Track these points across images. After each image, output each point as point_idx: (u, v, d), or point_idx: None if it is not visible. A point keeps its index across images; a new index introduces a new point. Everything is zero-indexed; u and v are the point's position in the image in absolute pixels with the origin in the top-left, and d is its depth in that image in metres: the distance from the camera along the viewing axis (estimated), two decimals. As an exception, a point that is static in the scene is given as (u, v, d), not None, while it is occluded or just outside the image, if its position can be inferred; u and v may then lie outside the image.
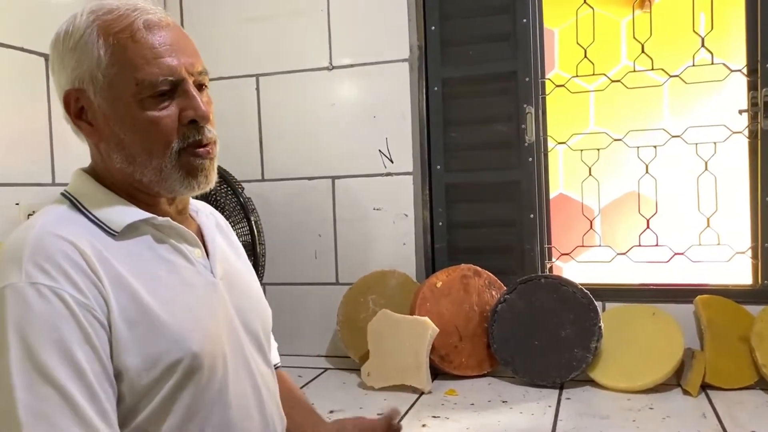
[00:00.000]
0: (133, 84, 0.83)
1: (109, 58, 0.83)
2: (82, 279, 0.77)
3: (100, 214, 0.85)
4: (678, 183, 2.31)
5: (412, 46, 2.07)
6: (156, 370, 0.80)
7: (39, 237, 0.79)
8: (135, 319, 0.80)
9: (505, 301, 1.87)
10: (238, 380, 0.90)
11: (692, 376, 1.68)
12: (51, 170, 1.78)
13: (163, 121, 0.85)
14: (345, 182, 2.15)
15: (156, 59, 0.84)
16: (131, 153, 0.86)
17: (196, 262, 0.90)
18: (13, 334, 0.73)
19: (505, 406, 1.65)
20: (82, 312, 0.76)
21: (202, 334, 0.84)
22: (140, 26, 0.84)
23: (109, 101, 0.84)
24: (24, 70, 1.70)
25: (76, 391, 0.73)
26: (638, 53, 1.98)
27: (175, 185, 0.88)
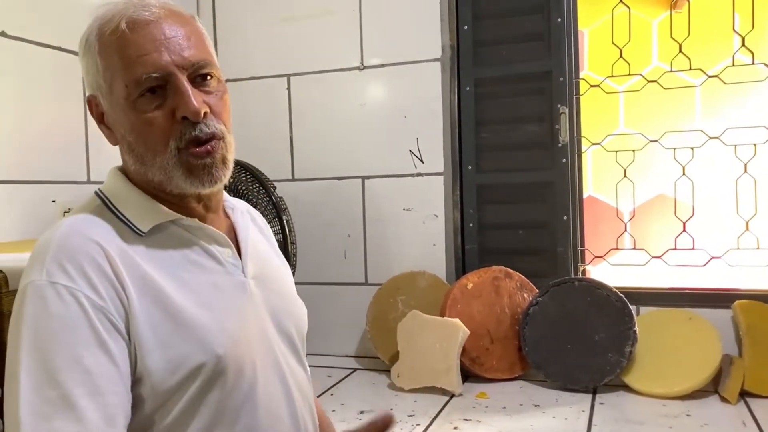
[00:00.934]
0: (123, 86, 0.81)
1: (103, 63, 0.83)
2: (101, 281, 0.76)
3: (128, 214, 0.85)
4: (714, 185, 2.27)
5: (444, 45, 2.06)
6: (179, 373, 0.79)
7: (65, 236, 0.79)
8: (158, 321, 0.79)
9: (538, 303, 1.85)
10: (268, 383, 0.88)
11: (731, 382, 1.64)
12: (86, 168, 1.80)
13: (156, 120, 0.82)
14: (375, 182, 2.14)
15: (140, 57, 0.81)
16: (139, 154, 0.85)
17: (226, 263, 0.89)
18: (28, 331, 0.74)
19: (537, 410, 1.63)
20: (97, 315, 0.75)
21: (228, 337, 0.83)
22: (123, 27, 0.82)
23: (111, 106, 0.84)
24: (60, 69, 1.72)
25: (81, 397, 0.72)
26: (671, 53, 1.95)
27: (181, 183, 0.85)
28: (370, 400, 1.76)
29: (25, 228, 1.59)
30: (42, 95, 1.67)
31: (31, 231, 1.61)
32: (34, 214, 1.62)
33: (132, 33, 0.81)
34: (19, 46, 1.59)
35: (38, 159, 1.65)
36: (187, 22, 0.86)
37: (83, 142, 1.79)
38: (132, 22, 0.82)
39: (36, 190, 1.64)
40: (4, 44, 1.56)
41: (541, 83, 2.01)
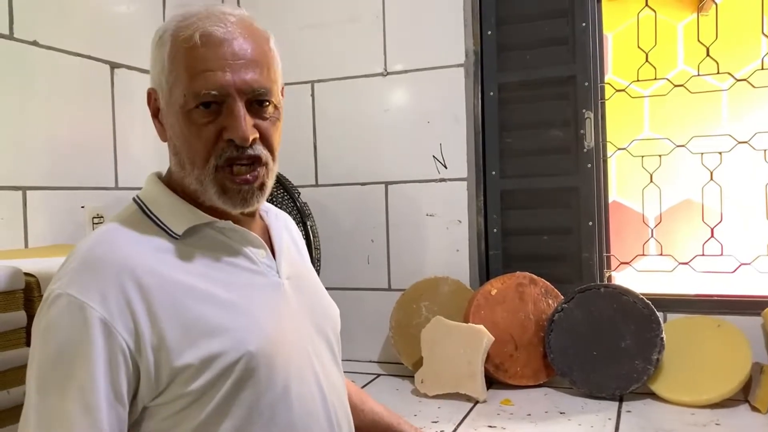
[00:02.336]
0: (182, 95, 0.84)
1: (169, 65, 0.85)
2: (116, 297, 0.77)
3: (164, 218, 0.87)
4: (743, 190, 2.23)
5: (467, 51, 2.06)
6: (211, 371, 0.80)
7: (93, 248, 0.81)
8: (189, 324, 0.80)
9: (563, 310, 1.83)
10: (303, 383, 0.89)
11: (761, 392, 1.61)
12: (114, 174, 1.83)
13: (203, 135, 0.84)
14: (398, 188, 2.15)
15: (204, 72, 0.83)
16: (182, 159, 0.87)
17: (260, 263, 0.90)
18: (41, 340, 0.78)
19: (563, 418, 1.62)
20: (104, 331, 0.76)
21: (260, 335, 0.84)
22: (197, 38, 0.83)
23: (167, 107, 0.86)
24: (90, 77, 1.76)
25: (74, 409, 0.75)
26: (696, 57, 1.93)
27: (214, 200, 0.87)
28: (394, 405, 1.76)
29: (56, 233, 1.62)
30: (72, 103, 1.70)
31: (62, 236, 1.64)
32: (64, 220, 1.65)
33: (203, 47, 0.83)
34: (50, 55, 1.63)
35: (68, 166, 1.68)
36: (260, 44, 0.88)
37: (111, 149, 1.82)
38: (206, 36, 0.83)
39: (66, 196, 1.67)
40: (36, 53, 1.59)
41: (565, 88, 2.00)
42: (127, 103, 1.87)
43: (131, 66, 1.89)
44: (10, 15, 1.53)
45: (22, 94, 1.56)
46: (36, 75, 1.59)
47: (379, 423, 1.18)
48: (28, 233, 1.56)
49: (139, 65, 1.92)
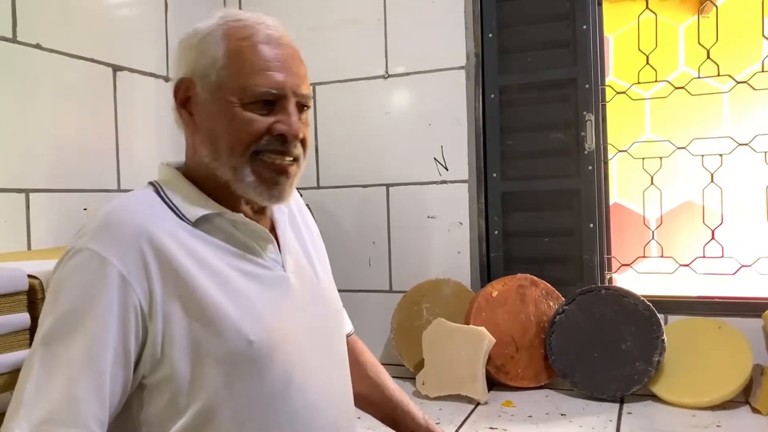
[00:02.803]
0: (239, 88, 0.88)
1: (225, 60, 0.89)
2: (134, 257, 0.81)
3: (178, 203, 0.89)
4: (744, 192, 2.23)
5: (468, 53, 2.06)
6: (211, 355, 0.83)
7: (115, 211, 0.85)
8: (195, 308, 0.83)
9: (564, 312, 1.84)
10: (305, 375, 0.91)
11: (762, 393, 1.61)
12: (117, 177, 1.83)
13: (256, 123, 0.88)
14: (400, 190, 2.15)
15: (266, 71, 0.88)
16: (218, 149, 0.89)
17: (268, 258, 0.93)
18: (55, 290, 0.81)
19: (563, 419, 1.62)
20: (120, 284, 0.80)
21: (261, 326, 0.86)
22: (261, 38, 0.90)
23: (214, 98, 0.89)
24: (93, 80, 1.76)
25: (77, 359, 0.78)
26: (697, 59, 1.93)
27: (248, 190, 0.90)
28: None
29: (59, 235, 1.63)
30: (75, 106, 1.71)
31: (64, 238, 1.64)
32: (66, 222, 1.66)
33: (266, 47, 0.90)
34: (53, 58, 1.63)
35: (71, 168, 1.69)
36: (299, 55, 0.95)
37: (114, 152, 1.83)
38: (268, 38, 0.90)
39: (68, 198, 1.67)
40: (39, 56, 1.60)
41: (566, 90, 2.00)
42: (129, 106, 1.88)
43: (133, 69, 1.89)
44: (13, 18, 1.53)
45: (25, 96, 1.57)
46: (39, 78, 1.60)
47: (389, 400, 1.21)
48: (30, 235, 1.56)
49: (141, 68, 1.93)
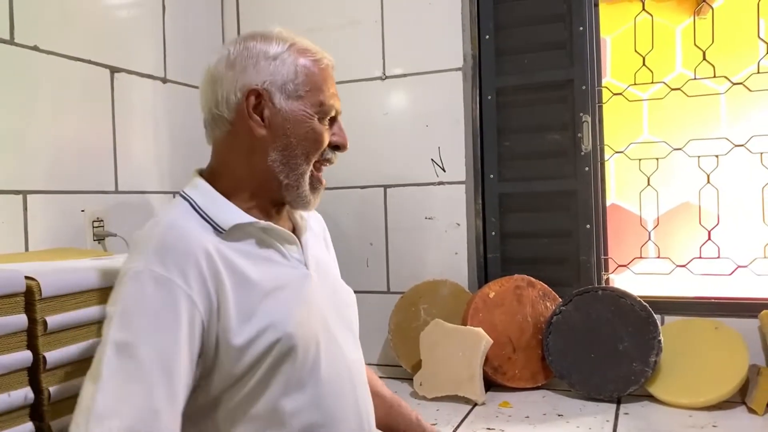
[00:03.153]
0: (318, 103, 1.04)
1: (303, 76, 1.03)
2: (195, 277, 0.90)
3: (212, 215, 1.00)
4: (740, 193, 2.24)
5: (465, 55, 2.07)
6: (257, 348, 0.93)
7: (168, 233, 0.93)
8: (242, 307, 0.94)
9: (561, 312, 1.84)
10: (330, 361, 1.02)
11: (758, 393, 1.62)
12: (114, 178, 1.84)
13: (324, 136, 1.06)
14: (397, 191, 2.16)
15: (332, 93, 1.07)
16: (291, 154, 1.03)
17: (292, 258, 1.05)
18: (124, 308, 0.87)
19: (561, 420, 1.62)
20: (187, 303, 0.88)
21: (296, 320, 0.98)
22: (328, 65, 1.08)
23: (294, 108, 1.02)
24: (91, 82, 1.76)
25: (154, 371, 0.84)
26: (695, 60, 1.94)
27: (298, 198, 1.06)
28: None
29: (56, 237, 1.63)
30: (73, 107, 1.71)
31: (62, 240, 1.64)
32: (63, 224, 1.66)
33: (331, 72, 1.08)
34: (50, 60, 1.63)
35: (68, 169, 1.69)
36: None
37: (111, 153, 1.83)
38: (331, 66, 1.09)
39: (65, 199, 1.68)
40: (37, 58, 1.60)
41: (563, 92, 2.01)
42: (127, 107, 1.88)
43: (131, 70, 1.90)
44: (10, 20, 1.53)
45: (22, 98, 1.57)
46: (36, 80, 1.60)
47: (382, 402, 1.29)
48: (28, 237, 1.56)
49: (138, 69, 1.93)
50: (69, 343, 1.09)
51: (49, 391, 1.04)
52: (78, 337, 1.11)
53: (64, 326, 1.08)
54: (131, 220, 1.88)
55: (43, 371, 1.04)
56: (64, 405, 1.07)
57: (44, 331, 1.04)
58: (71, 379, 1.09)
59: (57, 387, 1.06)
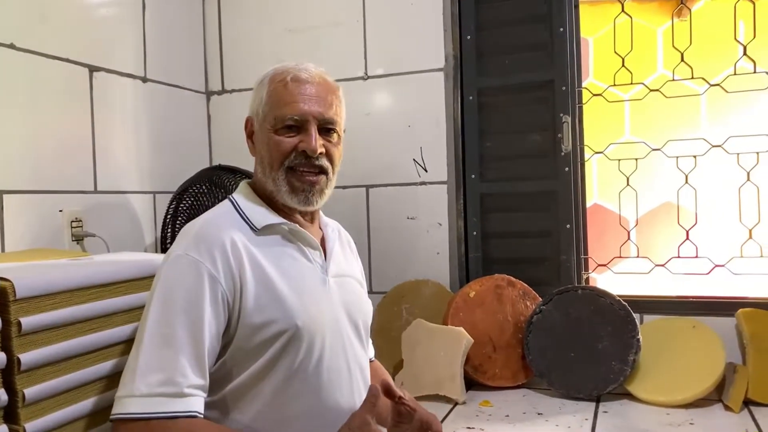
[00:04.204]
0: (273, 117, 1.15)
1: (266, 98, 1.16)
2: (221, 261, 1.06)
3: (249, 215, 1.15)
4: (717, 194, 2.27)
5: (447, 55, 2.07)
6: (268, 332, 1.06)
7: (204, 227, 1.11)
8: (260, 293, 1.07)
9: (541, 312, 1.85)
10: (333, 356, 1.13)
11: (734, 391, 1.64)
12: (93, 178, 1.82)
13: (284, 143, 1.14)
14: (379, 191, 2.16)
15: (291, 103, 1.14)
16: (265, 166, 1.16)
17: (314, 261, 1.17)
18: (162, 283, 1.05)
19: (540, 419, 1.63)
20: (211, 281, 1.04)
21: (307, 314, 1.09)
22: (289, 79, 1.15)
23: (260, 128, 1.17)
24: (69, 81, 1.75)
25: (184, 338, 1.01)
26: (675, 62, 1.96)
27: (285, 197, 1.16)
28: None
29: (34, 237, 1.61)
30: (51, 107, 1.69)
31: (40, 241, 1.63)
32: (41, 224, 1.64)
33: (292, 84, 1.15)
34: (27, 59, 1.62)
35: (46, 169, 1.67)
36: (331, 90, 1.19)
37: (90, 153, 1.82)
38: (295, 78, 1.16)
39: (44, 199, 1.66)
40: (14, 57, 1.58)
41: (543, 92, 2.02)
42: (106, 107, 1.87)
43: (110, 69, 1.88)
44: (-13, 18, 1.52)
45: (-1, 97, 1.55)
46: (13, 78, 1.58)
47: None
48: (5, 238, 1.54)
49: (118, 68, 1.92)
50: (45, 345, 1.07)
51: (24, 393, 1.03)
52: (54, 338, 1.09)
53: (39, 327, 1.06)
54: (110, 220, 1.86)
55: (17, 373, 1.03)
56: (39, 407, 1.06)
57: (19, 332, 1.03)
58: (47, 380, 1.08)
59: (32, 389, 1.05)
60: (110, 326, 1.20)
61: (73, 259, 1.35)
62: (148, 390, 0.98)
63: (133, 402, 0.98)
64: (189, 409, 1.00)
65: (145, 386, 0.98)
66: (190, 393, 1.00)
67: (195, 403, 1.01)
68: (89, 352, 1.15)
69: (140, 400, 0.98)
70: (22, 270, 1.10)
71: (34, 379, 1.06)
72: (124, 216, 1.94)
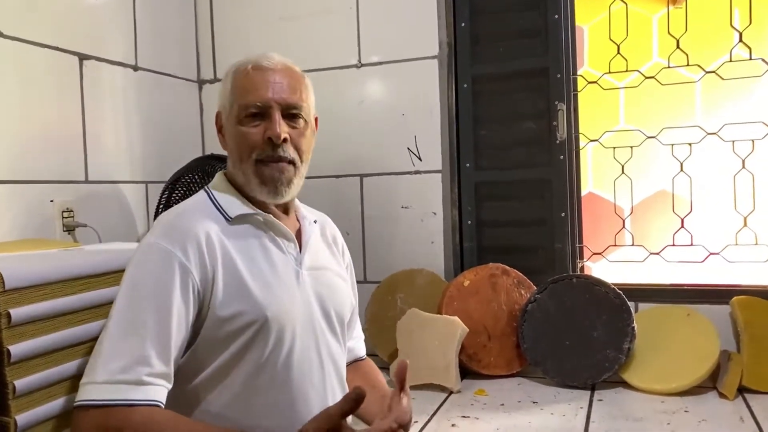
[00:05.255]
0: (236, 107, 1.14)
1: (230, 90, 1.16)
2: (194, 252, 1.05)
3: (223, 205, 1.15)
4: (713, 181, 2.26)
5: (441, 42, 2.06)
6: (236, 323, 1.06)
7: (178, 217, 1.11)
8: (229, 285, 1.07)
9: (536, 300, 1.85)
10: (304, 349, 1.13)
11: (729, 378, 1.64)
12: (84, 168, 1.80)
13: (250, 135, 1.13)
14: (373, 180, 2.15)
15: (253, 91, 1.13)
16: (234, 158, 1.16)
17: (288, 253, 1.16)
18: (132, 272, 1.05)
19: (535, 407, 1.63)
20: (182, 270, 1.04)
21: (277, 306, 1.09)
22: (249, 68, 1.15)
23: (227, 120, 1.16)
24: (59, 69, 1.73)
25: (149, 325, 1.00)
26: (671, 49, 1.94)
27: (255, 189, 1.15)
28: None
29: (24, 228, 1.60)
30: (40, 95, 1.67)
31: (30, 231, 1.61)
32: (32, 214, 1.63)
33: (253, 72, 1.14)
34: (16, 46, 1.59)
35: (37, 159, 1.66)
36: (295, 77, 1.17)
37: (81, 142, 1.80)
38: (256, 67, 1.15)
39: (34, 189, 1.64)
40: (2, 44, 1.56)
41: (538, 80, 2.01)
42: (96, 96, 1.84)
43: (100, 57, 1.86)
44: (-27, 5, 1.49)
45: (-13, 86, 1.53)
46: (1, 66, 1.56)
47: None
48: (-5, 228, 1.53)
49: (108, 57, 1.89)
50: (34, 336, 1.06)
51: (14, 384, 1.02)
52: (44, 329, 1.08)
53: (29, 318, 1.05)
54: (102, 210, 1.85)
55: (7, 365, 1.02)
56: (30, 398, 1.06)
57: (8, 323, 1.02)
58: (37, 371, 1.07)
59: (23, 380, 1.04)
60: (101, 317, 1.18)
61: (63, 250, 1.33)
62: (108, 377, 0.97)
63: (94, 389, 0.97)
64: (148, 398, 0.98)
65: (107, 373, 0.97)
66: (150, 381, 0.99)
67: (156, 392, 0.99)
68: (80, 343, 1.14)
69: (100, 387, 0.97)
70: (12, 260, 1.09)
71: (25, 371, 1.05)
72: (116, 206, 1.92)
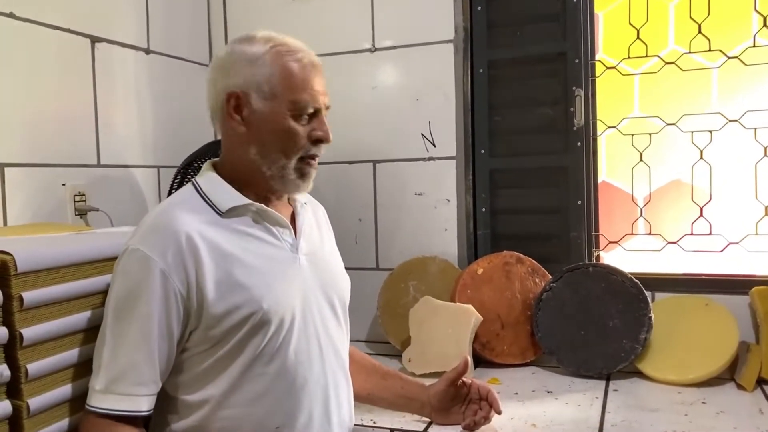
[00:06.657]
0: (289, 101, 1.11)
1: (279, 77, 1.11)
2: (173, 255, 1.04)
3: (213, 198, 1.14)
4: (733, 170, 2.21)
5: (457, 27, 2.02)
6: (233, 318, 1.06)
7: (159, 216, 1.09)
8: (222, 281, 1.06)
9: (551, 289, 1.83)
10: (304, 337, 1.14)
11: (747, 370, 1.62)
12: (96, 152, 1.79)
13: (300, 133, 1.13)
14: (386, 166, 2.12)
15: (310, 90, 1.12)
16: (268, 150, 1.13)
17: (283, 241, 1.16)
18: (117, 280, 1.06)
19: (550, 397, 1.62)
20: (162, 278, 1.03)
21: (274, 297, 1.09)
22: (306, 63, 1.13)
23: (267, 108, 1.11)
24: (71, 51, 1.71)
25: (134, 334, 1.04)
26: (687, 37, 1.90)
27: (288, 185, 1.16)
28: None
29: (35, 211, 1.59)
30: (52, 78, 1.66)
31: (42, 214, 1.60)
32: (44, 198, 1.62)
33: (312, 70, 1.14)
34: (28, 28, 1.58)
35: (49, 143, 1.64)
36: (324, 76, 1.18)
37: (93, 126, 1.78)
38: (312, 64, 1.14)
39: (46, 173, 1.63)
40: (13, 26, 1.54)
41: (555, 65, 1.97)
42: (108, 78, 1.83)
43: (112, 40, 1.84)
44: (-15, -14, 1.48)
45: (-1, 68, 1.51)
46: (13, 49, 1.54)
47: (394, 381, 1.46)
48: (6, 212, 1.52)
49: (120, 39, 1.87)
50: (47, 320, 1.06)
51: (27, 368, 1.02)
52: (56, 313, 1.07)
53: (41, 302, 1.04)
54: (114, 194, 1.84)
55: (20, 348, 1.01)
56: (42, 382, 1.05)
57: (20, 307, 1.01)
58: (49, 355, 1.06)
59: (35, 364, 1.03)
60: (114, 301, 1.18)
61: (75, 233, 1.32)
62: (101, 386, 1.04)
63: (92, 395, 1.05)
64: (135, 409, 1.04)
65: (105, 378, 1.04)
66: (137, 393, 1.04)
67: (142, 402, 1.05)
68: (92, 328, 1.13)
69: (97, 394, 1.04)
70: (24, 243, 1.08)
71: (37, 355, 1.04)
72: (128, 190, 1.91)
